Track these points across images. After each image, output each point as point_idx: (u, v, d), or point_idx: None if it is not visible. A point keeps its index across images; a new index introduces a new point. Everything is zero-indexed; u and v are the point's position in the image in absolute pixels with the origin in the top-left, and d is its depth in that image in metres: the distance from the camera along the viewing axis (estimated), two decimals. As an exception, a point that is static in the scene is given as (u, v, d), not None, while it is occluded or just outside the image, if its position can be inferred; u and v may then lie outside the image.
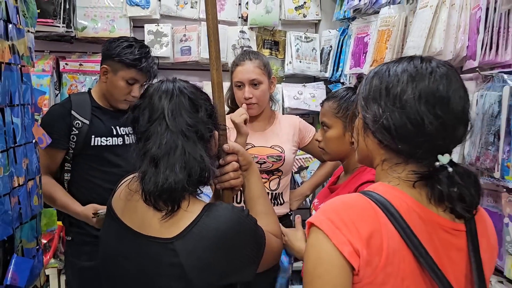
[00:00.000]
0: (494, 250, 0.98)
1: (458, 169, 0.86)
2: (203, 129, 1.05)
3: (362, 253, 0.80)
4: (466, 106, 0.88)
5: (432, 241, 0.85)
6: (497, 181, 1.42)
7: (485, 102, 1.47)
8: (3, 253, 1.28)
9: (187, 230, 0.95)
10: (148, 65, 1.93)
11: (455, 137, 0.88)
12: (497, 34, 1.53)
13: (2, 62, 1.26)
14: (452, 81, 0.86)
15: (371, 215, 0.83)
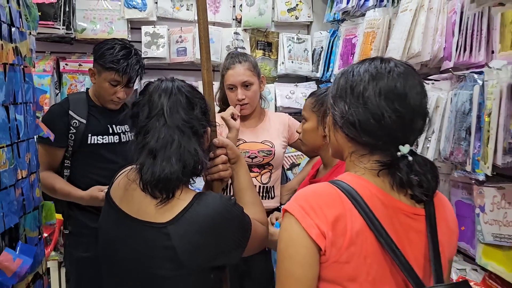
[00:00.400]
0: (453, 233, 1.05)
1: (417, 158, 0.95)
2: (197, 125, 1.14)
3: (328, 235, 0.89)
4: (423, 101, 0.97)
5: (393, 224, 0.94)
6: (469, 174, 1.52)
7: (458, 100, 1.57)
8: (9, 241, 1.38)
9: (179, 216, 1.05)
10: (128, 65, 1.96)
11: (414, 129, 0.96)
12: (470, 37, 1.63)
13: (6, 63, 1.35)
14: (409, 79, 0.95)
15: (337, 202, 0.92)
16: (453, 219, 1.07)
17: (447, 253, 1.01)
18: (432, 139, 1.69)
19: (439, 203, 1.03)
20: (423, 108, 0.97)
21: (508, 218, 1.41)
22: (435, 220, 0.97)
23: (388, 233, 0.91)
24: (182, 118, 1.12)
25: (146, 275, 1.06)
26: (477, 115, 1.46)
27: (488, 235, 1.49)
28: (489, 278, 1.56)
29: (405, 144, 0.94)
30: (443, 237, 0.99)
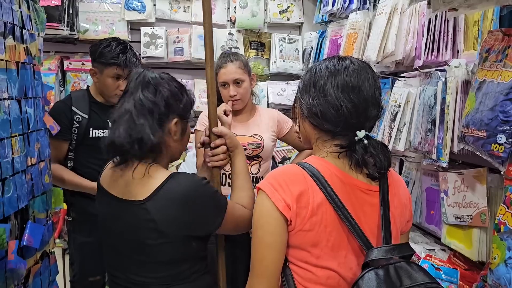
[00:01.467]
0: (404, 207, 1.18)
1: (371, 141, 1.08)
2: (154, 107, 1.27)
3: (293, 207, 1.05)
4: (376, 92, 1.10)
5: (350, 198, 1.07)
6: (434, 161, 1.68)
7: (425, 95, 1.74)
8: (20, 220, 1.54)
9: (155, 193, 1.21)
10: (127, 59, 2.12)
11: (368, 117, 1.09)
12: (438, 38, 1.79)
13: (19, 61, 1.52)
14: (362, 73, 1.09)
15: (301, 179, 1.07)
16: (405, 194, 1.20)
17: (398, 224, 1.15)
18: (404, 131, 1.86)
19: (393, 181, 1.16)
20: (376, 99, 1.09)
21: (467, 200, 1.57)
22: (387, 196, 1.10)
23: (345, 206, 1.05)
24: (139, 98, 1.27)
25: (137, 245, 1.23)
26: (440, 108, 1.62)
27: (451, 216, 1.65)
28: (454, 256, 1.73)
29: (361, 129, 1.07)
30: (395, 210, 1.13)
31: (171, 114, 1.30)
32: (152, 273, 1.25)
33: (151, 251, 1.23)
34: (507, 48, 1.24)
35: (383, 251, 1.03)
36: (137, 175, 1.25)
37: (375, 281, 0.97)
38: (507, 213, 1.17)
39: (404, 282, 0.96)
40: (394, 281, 0.97)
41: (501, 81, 1.22)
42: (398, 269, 0.99)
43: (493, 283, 1.18)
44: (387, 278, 0.97)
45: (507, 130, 1.17)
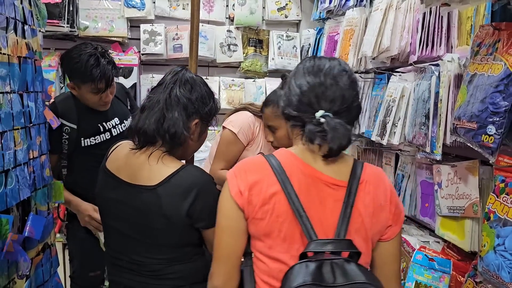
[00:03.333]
0: (380, 209, 1.13)
1: (330, 120, 1.05)
2: (189, 104, 1.33)
3: (244, 194, 1.08)
4: (339, 75, 1.10)
5: (309, 191, 1.08)
6: (428, 154, 1.72)
7: (419, 90, 1.77)
8: (22, 212, 1.58)
9: (167, 179, 1.26)
10: (101, 71, 1.94)
11: (328, 98, 1.08)
12: (432, 33, 1.82)
13: (20, 56, 1.55)
14: (331, 62, 1.12)
15: (259, 169, 1.10)
16: (386, 196, 1.14)
17: (368, 224, 1.11)
18: (398, 125, 1.89)
19: (370, 179, 1.13)
20: (336, 80, 1.09)
21: (459, 191, 1.60)
22: (355, 192, 1.09)
23: (298, 198, 1.06)
24: (175, 93, 1.33)
25: (144, 229, 1.29)
26: (434, 102, 1.65)
27: (444, 208, 1.69)
28: (448, 247, 1.76)
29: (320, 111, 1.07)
30: (365, 209, 1.10)
31: (195, 114, 1.36)
32: (156, 255, 1.30)
33: (158, 235, 1.28)
34: (497, 41, 1.28)
35: (318, 244, 1.01)
36: (152, 161, 1.30)
37: (302, 273, 0.96)
38: (496, 202, 1.20)
39: (338, 279, 0.95)
40: (326, 277, 0.95)
41: (491, 73, 1.25)
42: (334, 266, 0.97)
43: (482, 270, 1.22)
44: (317, 271, 0.96)
45: (497, 121, 1.20)
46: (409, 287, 1.67)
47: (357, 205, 1.09)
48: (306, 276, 0.95)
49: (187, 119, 1.34)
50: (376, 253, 1.17)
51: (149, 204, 1.27)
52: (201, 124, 1.40)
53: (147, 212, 1.27)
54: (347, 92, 1.10)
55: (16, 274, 1.45)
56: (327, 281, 0.94)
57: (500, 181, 1.21)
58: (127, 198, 1.31)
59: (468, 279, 1.47)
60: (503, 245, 1.13)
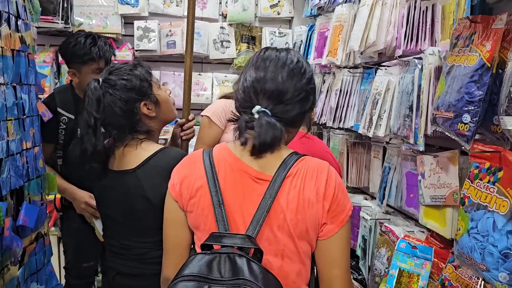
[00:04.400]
0: (308, 204, 1.06)
1: (262, 117, 1.04)
2: (121, 105, 1.40)
3: (177, 187, 1.13)
4: (279, 72, 1.08)
5: (236, 184, 1.08)
6: (412, 145, 1.76)
7: (404, 83, 1.82)
8: (16, 201, 1.62)
9: (145, 162, 1.34)
10: (99, 50, 2.04)
11: (265, 93, 1.07)
12: (417, 28, 1.87)
13: (14, 49, 1.59)
14: (274, 53, 1.11)
15: (192, 164, 1.14)
16: (317, 191, 1.07)
17: (292, 220, 1.05)
18: (384, 117, 1.94)
19: (303, 173, 1.07)
20: (276, 74, 1.07)
21: (441, 181, 1.65)
22: (278, 187, 1.05)
23: (221, 192, 1.07)
24: (107, 103, 1.42)
25: (128, 211, 1.35)
26: (417, 94, 1.70)
27: (427, 197, 1.74)
28: (431, 236, 1.81)
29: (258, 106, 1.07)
30: (289, 204, 1.05)
31: (137, 102, 1.42)
32: (141, 238, 1.35)
33: (141, 217, 1.34)
34: (473, 34, 1.33)
35: (213, 237, 1.01)
36: (131, 148, 1.36)
37: (191, 262, 0.96)
38: (471, 187, 1.25)
39: (226, 274, 0.93)
40: (215, 271, 0.93)
41: (467, 64, 1.30)
42: (226, 260, 0.95)
43: (458, 252, 1.27)
44: (207, 264, 0.94)
45: (472, 110, 1.25)
46: (392, 274, 1.72)
47: (279, 200, 1.05)
48: (194, 267, 0.95)
49: (128, 113, 1.41)
50: (315, 255, 1.11)
51: (131, 187, 1.34)
52: (148, 102, 1.44)
53: (130, 195, 1.34)
54: (287, 86, 1.08)
55: (9, 261, 1.49)
56: (215, 275, 0.93)
57: (474, 167, 1.26)
58: (113, 184, 1.38)
59: (448, 264, 1.52)
60: (476, 228, 1.17)
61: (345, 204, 1.09)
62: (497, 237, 1.09)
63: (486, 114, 1.26)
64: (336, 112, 2.50)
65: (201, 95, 3.32)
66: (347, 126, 2.43)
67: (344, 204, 1.09)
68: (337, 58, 2.42)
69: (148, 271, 1.37)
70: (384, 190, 2.12)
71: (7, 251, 1.47)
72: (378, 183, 2.24)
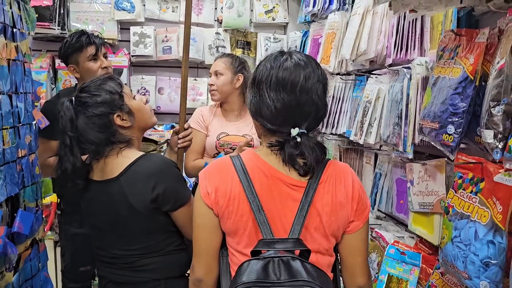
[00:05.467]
0: (340, 207, 1.16)
1: (306, 140, 1.11)
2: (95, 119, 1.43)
3: (212, 195, 1.15)
4: (314, 89, 1.12)
5: (271, 191, 1.13)
6: (401, 153, 1.80)
7: (393, 91, 1.85)
8: (11, 208, 1.64)
9: (127, 169, 1.37)
10: (89, 37, 2.23)
11: (302, 114, 1.12)
12: (406, 37, 1.90)
13: (10, 58, 1.62)
14: (297, 70, 1.11)
15: (224, 171, 1.17)
16: (347, 194, 1.17)
17: (327, 222, 1.15)
18: (374, 125, 1.98)
19: (331, 179, 1.16)
20: (311, 95, 1.12)
21: (429, 188, 1.68)
22: (313, 192, 1.13)
23: (259, 198, 1.11)
24: (78, 124, 1.49)
25: (113, 219, 1.38)
26: (406, 103, 1.74)
27: (416, 204, 1.77)
28: (420, 242, 1.84)
29: (296, 127, 1.11)
30: (323, 208, 1.14)
31: (110, 115, 1.44)
32: (128, 246, 1.38)
33: (126, 224, 1.37)
34: (458, 46, 1.36)
35: (265, 242, 1.06)
36: (113, 157, 1.39)
37: (247, 270, 1.01)
38: (454, 197, 1.28)
39: (282, 276, 0.98)
40: (271, 274, 0.98)
41: (451, 76, 1.33)
42: (280, 263, 1.00)
43: (442, 260, 1.30)
44: (263, 269, 0.99)
45: (456, 122, 1.28)
46: (382, 279, 1.75)
47: (315, 204, 1.13)
48: (251, 274, 0.99)
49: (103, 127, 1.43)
50: (340, 246, 1.23)
51: (114, 195, 1.36)
52: (121, 113, 1.47)
53: (114, 203, 1.37)
54: (321, 102, 1.14)
55: (5, 267, 1.52)
56: (272, 278, 0.98)
57: (458, 177, 1.29)
58: (97, 194, 1.41)
59: (435, 271, 1.55)
60: (459, 237, 1.21)
61: (367, 202, 1.22)
62: (478, 246, 1.13)
63: (470, 125, 1.30)
64: (329, 118, 2.53)
65: (197, 100, 3.35)
66: (339, 132, 2.46)
67: (366, 202, 1.22)
68: (330, 65, 2.45)
69: (139, 279, 1.40)
70: (375, 196, 2.15)
71: (2, 258, 1.50)
72: (369, 188, 2.27)
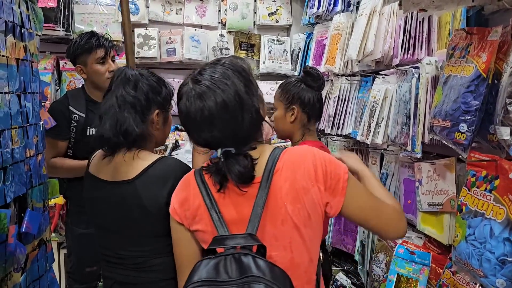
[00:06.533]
0: (304, 191, 1.07)
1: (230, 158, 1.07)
2: (136, 102, 1.39)
3: (178, 210, 1.16)
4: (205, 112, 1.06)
5: (229, 195, 1.10)
6: (409, 153, 1.80)
7: (401, 91, 1.85)
8: (19, 208, 1.64)
9: (143, 172, 1.34)
10: (99, 39, 2.22)
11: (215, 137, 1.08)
12: (414, 37, 1.91)
13: (18, 58, 1.62)
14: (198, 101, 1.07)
15: (187, 185, 1.16)
16: (309, 177, 1.08)
17: (294, 211, 1.07)
18: (382, 125, 1.98)
19: (290, 165, 1.09)
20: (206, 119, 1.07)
21: (438, 187, 1.68)
22: (268, 184, 1.07)
23: (215, 203, 1.10)
24: (122, 94, 1.40)
25: (124, 221, 1.36)
26: (414, 103, 1.74)
27: (425, 204, 1.77)
28: (429, 242, 1.84)
29: (218, 149, 1.09)
30: (287, 197, 1.07)
31: (152, 106, 1.42)
32: (138, 247, 1.36)
33: (138, 226, 1.35)
34: (469, 45, 1.36)
35: (217, 240, 1.04)
36: (128, 158, 1.37)
37: (198, 269, 0.98)
38: (468, 195, 1.28)
39: (233, 274, 0.95)
40: (222, 273, 0.96)
41: (463, 75, 1.33)
42: (232, 261, 0.97)
43: (456, 259, 1.29)
44: (214, 268, 0.97)
45: (468, 120, 1.28)
46: (391, 279, 1.75)
47: (276, 196, 1.07)
48: (202, 273, 0.97)
49: (142, 115, 1.40)
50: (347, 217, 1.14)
51: (128, 197, 1.34)
52: (161, 113, 1.45)
53: (126, 205, 1.35)
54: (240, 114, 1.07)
55: (13, 267, 1.51)
56: (223, 277, 0.95)
57: (471, 175, 1.29)
58: (108, 194, 1.39)
59: (445, 270, 1.55)
60: (473, 235, 1.20)
61: (337, 173, 1.09)
62: (494, 244, 1.12)
63: (483, 123, 1.30)
64: (334, 119, 2.54)
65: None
66: (345, 133, 2.46)
67: (337, 173, 1.09)
68: (335, 66, 2.45)
69: (146, 279, 1.38)
70: (382, 196, 2.15)
71: (11, 258, 1.49)
72: (376, 189, 2.27)
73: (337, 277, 2.46)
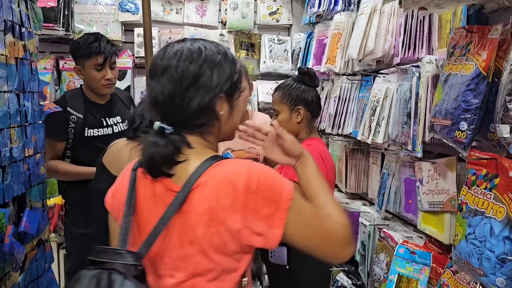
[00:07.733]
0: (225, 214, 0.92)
1: (160, 135, 0.98)
2: None
3: (109, 200, 1.11)
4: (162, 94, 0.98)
5: (153, 196, 1.00)
6: (410, 152, 1.79)
7: (402, 90, 1.84)
8: (18, 208, 1.63)
9: None
10: (101, 46, 2.18)
11: (160, 110, 1.01)
12: (414, 36, 1.90)
13: (17, 57, 1.61)
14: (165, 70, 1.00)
15: (121, 177, 1.11)
16: (234, 200, 0.91)
17: (206, 235, 0.93)
18: (382, 124, 1.97)
19: (215, 182, 0.94)
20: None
21: (439, 187, 1.67)
22: (183, 198, 0.94)
23: (134, 203, 1.02)
24: None
25: None
26: (415, 102, 1.73)
27: (425, 203, 1.76)
28: (429, 242, 1.83)
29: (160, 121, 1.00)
30: (201, 217, 0.93)
31: None
32: None
33: None
34: (469, 43, 1.35)
35: (95, 250, 0.98)
36: (133, 154, 1.37)
37: (74, 280, 0.95)
38: (468, 194, 1.27)
39: None
40: (88, 285, 0.92)
41: (463, 73, 1.32)
42: (105, 277, 0.92)
43: (456, 258, 1.28)
44: (89, 280, 0.93)
45: (468, 118, 1.27)
46: (392, 279, 1.74)
47: (189, 213, 0.94)
48: (72, 284, 0.95)
49: None
50: None
51: None
52: None
53: None
54: (174, 90, 0.98)
55: (11, 267, 1.50)
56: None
57: (471, 174, 1.28)
58: None
59: (446, 269, 1.54)
60: (474, 233, 1.19)
61: (276, 200, 0.92)
62: (494, 243, 1.11)
63: (483, 121, 1.29)
64: (335, 119, 2.53)
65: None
66: (345, 132, 2.46)
67: (276, 200, 0.92)
68: (336, 65, 2.45)
69: None
70: (383, 196, 2.14)
71: (9, 257, 1.48)
72: (376, 189, 2.26)
73: (337, 277, 2.45)
